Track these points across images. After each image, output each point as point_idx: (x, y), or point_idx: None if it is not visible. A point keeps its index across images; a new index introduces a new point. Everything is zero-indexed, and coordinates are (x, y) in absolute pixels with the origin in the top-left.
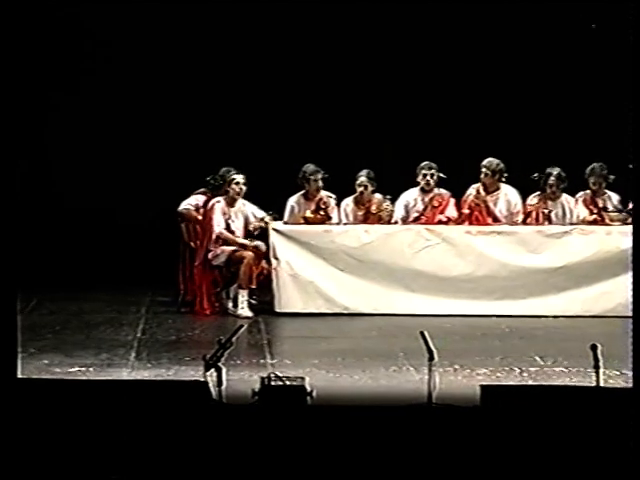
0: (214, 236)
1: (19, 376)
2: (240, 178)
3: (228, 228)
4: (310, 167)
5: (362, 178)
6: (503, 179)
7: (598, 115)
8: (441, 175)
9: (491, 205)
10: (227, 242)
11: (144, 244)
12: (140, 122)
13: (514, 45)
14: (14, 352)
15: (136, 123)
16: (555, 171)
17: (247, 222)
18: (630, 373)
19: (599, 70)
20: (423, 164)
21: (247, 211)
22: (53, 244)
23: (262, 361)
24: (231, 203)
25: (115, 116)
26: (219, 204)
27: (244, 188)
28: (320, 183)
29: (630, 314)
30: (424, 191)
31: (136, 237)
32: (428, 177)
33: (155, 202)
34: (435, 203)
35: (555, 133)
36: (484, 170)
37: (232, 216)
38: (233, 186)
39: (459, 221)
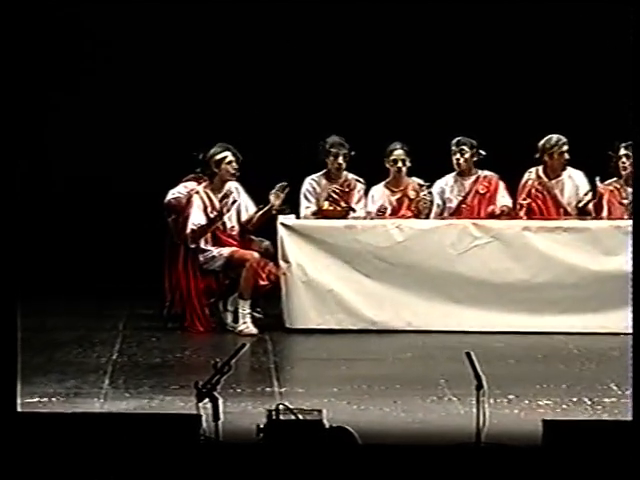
0: (188, 237)
1: None
2: (232, 156)
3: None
4: (333, 138)
5: (398, 151)
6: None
7: (605, 106)
8: (481, 152)
9: (557, 193)
10: (220, 240)
11: (123, 244)
12: (141, 122)
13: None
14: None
15: (136, 123)
16: (623, 147)
17: (240, 214)
18: None
19: (602, 67)
20: (454, 140)
21: (242, 198)
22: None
23: (268, 389)
24: (219, 187)
25: (115, 116)
26: (197, 196)
27: (237, 170)
28: (343, 159)
29: None
30: (461, 174)
31: (115, 236)
32: (458, 156)
33: (146, 196)
34: (481, 189)
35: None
36: (553, 149)
37: (217, 204)
38: (224, 166)
39: (514, 214)
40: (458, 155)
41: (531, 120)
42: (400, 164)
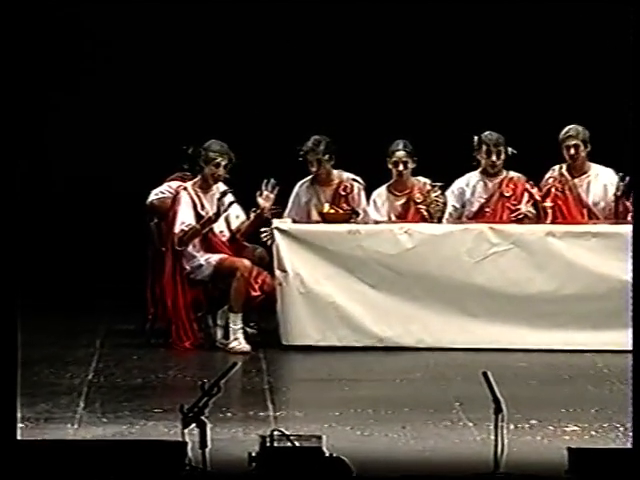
0: (176, 239)
1: None
2: (221, 159)
3: (199, 221)
4: (307, 143)
5: (399, 152)
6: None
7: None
8: (511, 151)
9: (582, 193)
10: (211, 245)
11: (98, 251)
12: (140, 121)
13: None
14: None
15: (136, 122)
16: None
17: (229, 219)
18: None
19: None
20: (487, 136)
21: (235, 201)
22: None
23: (262, 413)
24: (206, 187)
25: (115, 115)
26: (185, 192)
27: (224, 172)
28: (318, 164)
29: None
30: (486, 174)
31: (89, 243)
32: (494, 157)
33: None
34: (506, 191)
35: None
36: (571, 142)
37: (206, 204)
38: (211, 167)
39: (537, 220)
40: (494, 157)
41: (555, 114)
42: (401, 167)
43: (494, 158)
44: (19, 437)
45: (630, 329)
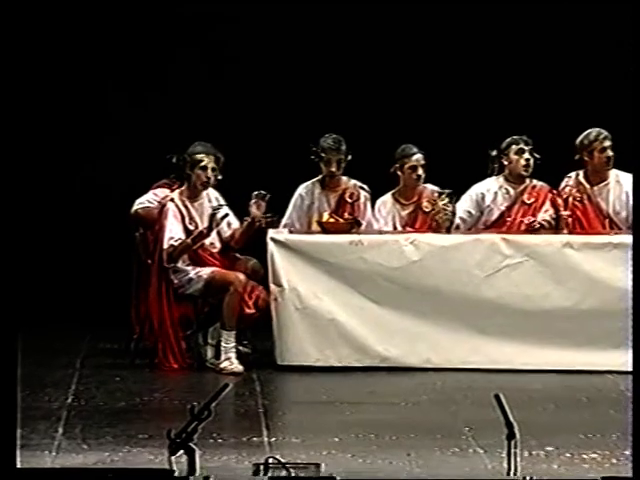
0: (165, 255)
1: None
2: (208, 161)
3: (188, 234)
4: (327, 141)
5: (417, 155)
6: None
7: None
8: (535, 156)
9: (601, 202)
10: (200, 259)
11: (83, 261)
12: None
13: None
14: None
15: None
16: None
17: (219, 231)
18: None
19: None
20: (517, 137)
21: (230, 213)
22: None
23: (256, 439)
24: (194, 196)
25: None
26: (172, 204)
27: (212, 177)
28: (337, 166)
29: None
30: (509, 180)
31: (73, 251)
32: (527, 155)
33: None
34: (526, 198)
35: None
36: (606, 144)
37: (195, 215)
38: (197, 171)
39: (554, 230)
40: (523, 161)
41: (568, 117)
42: (420, 171)
43: (526, 156)
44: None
45: None
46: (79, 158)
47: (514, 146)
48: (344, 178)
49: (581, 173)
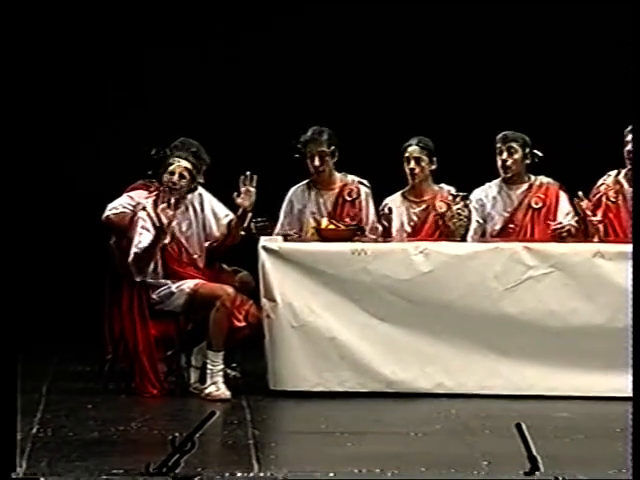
0: (132, 268)
1: None
2: (177, 166)
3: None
4: (308, 133)
5: (412, 147)
6: None
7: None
8: (536, 153)
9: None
10: (178, 273)
11: (51, 274)
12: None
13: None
14: None
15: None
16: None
17: (207, 232)
18: None
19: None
20: (499, 136)
21: (206, 210)
22: None
23: (245, 474)
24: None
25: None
26: (144, 213)
27: (184, 182)
28: (320, 160)
29: None
30: (507, 182)
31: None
32: (505, 155)
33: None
34: (534, 202)
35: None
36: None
37: (181, 222)
38: (165, 174)
39: (581, 235)
40: (505, 155)
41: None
42: (413, 164)
43: (504, 156)
44: None
45: None
46: (51, 163)
47: (498, 145)
48: (339, 175)
49: (622, 172)
